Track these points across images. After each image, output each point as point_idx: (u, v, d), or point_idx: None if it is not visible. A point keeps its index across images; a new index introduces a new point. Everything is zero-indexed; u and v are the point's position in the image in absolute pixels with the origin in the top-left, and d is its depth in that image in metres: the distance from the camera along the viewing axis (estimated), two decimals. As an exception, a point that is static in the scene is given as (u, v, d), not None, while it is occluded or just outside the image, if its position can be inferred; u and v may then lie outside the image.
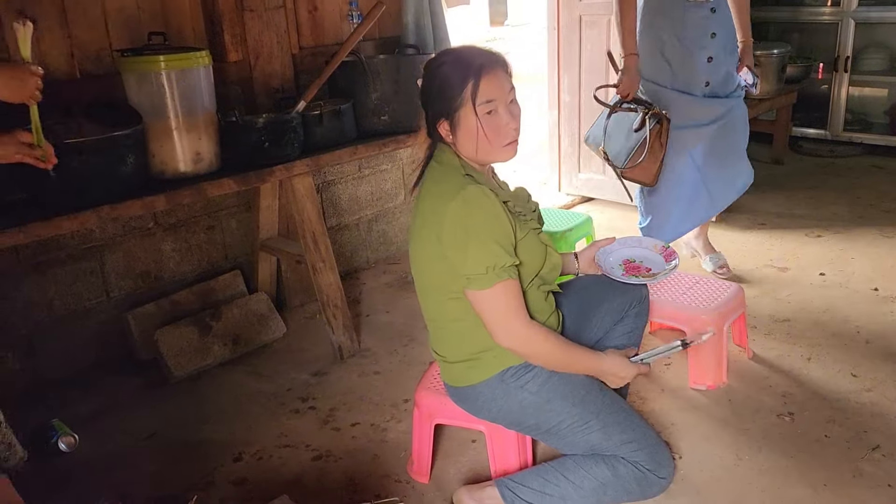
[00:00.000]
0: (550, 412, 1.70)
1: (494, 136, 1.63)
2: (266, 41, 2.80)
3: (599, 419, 1.69)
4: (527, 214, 1.76)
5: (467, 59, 1.62)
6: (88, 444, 2.25)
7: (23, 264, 2.47)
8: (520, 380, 1.70)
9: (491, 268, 1.57)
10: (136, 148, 2.17)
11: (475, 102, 1.60)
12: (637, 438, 1.69)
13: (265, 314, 2.90)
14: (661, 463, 1.69)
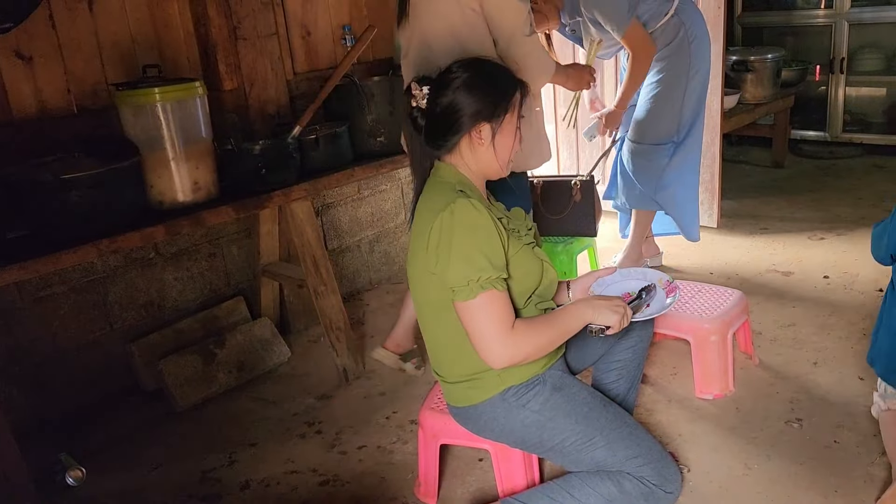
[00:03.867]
0: (554, 430, 1.68)
1: (506, 155, 1.70)
2: (260, 68, 2.83)
3: (603, 435, 1.67)
4: (521, 231, 1.76)
5: (499, 71, 1.70)
6: (96, 478, 2.25)
7: (25, 299, 2.48)
8: (521, 398, 1.69)
9: (474, 279, 1.55)
10: (134, 180, 2.19)
11: (518, 112, 1.68)
12: (642, 453, 1.66)
13: (269, 339, 2.91)
14: (668, 477, 1.66)
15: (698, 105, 3.04)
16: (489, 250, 1.58)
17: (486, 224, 1.58)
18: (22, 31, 2.29)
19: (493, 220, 1.61)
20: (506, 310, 1.59)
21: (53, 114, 2.42)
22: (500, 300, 1.58)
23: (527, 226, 1.82)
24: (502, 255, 1.61)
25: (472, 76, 1.64)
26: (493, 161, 1.68)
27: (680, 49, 2.89)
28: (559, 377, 1.74)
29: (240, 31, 2.73)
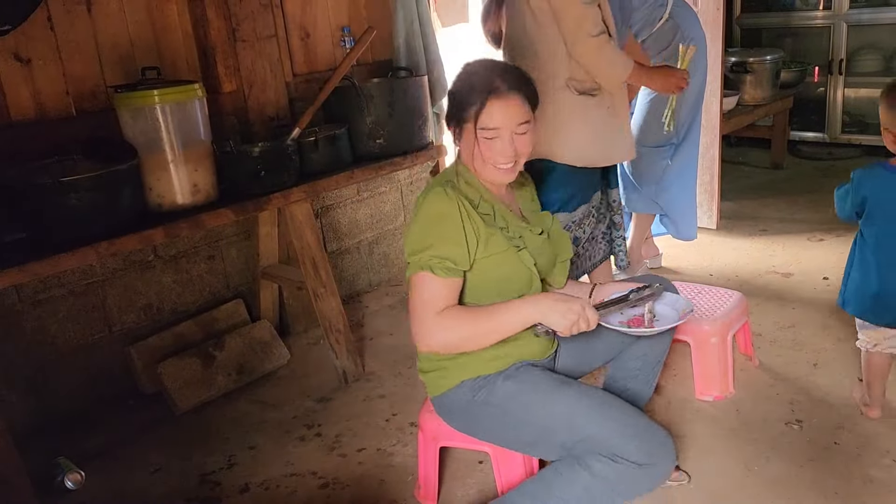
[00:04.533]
0: (515, 420, 1.67)
1: (490, 156, 1.68)
2: (259, 70, 2.82)
3: (564, 417, 1.61)
4: (513, 232, 1.74)
5: (488, 76, 1.66)
6: (95, 481, 2.25)
7: (24, 302, 2.48)
8: (478, 393, 1.70)
9: (416, 257, 1.61)
10: (133, 182, 2.19)
11: (476, 124, 1.66)
12: (610, 429, 1.55)
13: (268, 342, 2.90)
14: (641, 448, 1.52)
15: (696, 106, 3.05)
16: (444, 237, 1.61)
17: (450, 213, 1.62)
18: (20, 34, 2.29)
19: (463, 213, 1.64)
20: (438, 294, 1.61)
21: (52, 116, 2.41)
22: (434, 283, 1.60)
23: (536, 231, 1.80)
24: (460, 247, 1.62)
25: (454, 81, 1.74)
26: (470, 161, 1.72)
27: (676, 53, 2.89)
28: (514, 369, 1.72)
29: (239, 33, 2.73)
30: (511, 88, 1.65)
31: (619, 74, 2.35)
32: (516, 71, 1.73)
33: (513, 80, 1.67)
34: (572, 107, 2.38)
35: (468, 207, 1.66)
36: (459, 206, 1.64)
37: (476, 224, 1.65)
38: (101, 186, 2.06)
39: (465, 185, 1.73)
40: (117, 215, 2.14)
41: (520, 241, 1.74)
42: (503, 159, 1.67)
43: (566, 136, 2.40)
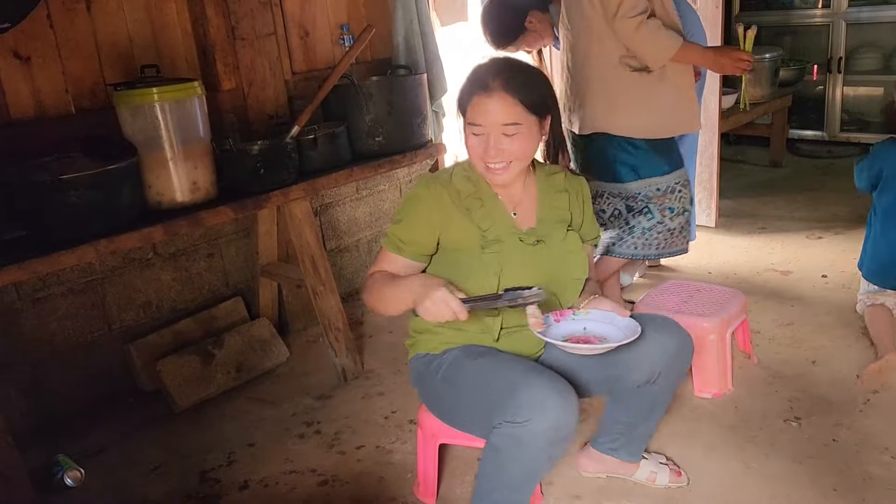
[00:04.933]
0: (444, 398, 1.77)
1: (475, 153, 1.70)
2: (259, 68, 2.83)
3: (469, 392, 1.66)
4: (492, 234, 1.72)
5: (485, 74, 1.66)
6: (94, 478, 2.25)
7: (23, 300, 2.48)
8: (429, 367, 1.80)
9: (389, 229, 1.76)
10: (132, 180, 2.19)
11: (466, 119, 1.70)
12: (491, 397, 1.55)
13: (268, 340, 2.90)
14: (510, 405, 1.49)
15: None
16: (406, 218, 1.74)
17: (424, 198, 1.73)
18: (20, 32, 2.29)
19: (434, 201, 1.71)
20: (380, 263, 1.78)
21: (51, 114, 2.41)
22: (382, 253, 1.78)
23: (528, 241, 1.74)
24: (414, 230, 1.73)
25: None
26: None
27: None
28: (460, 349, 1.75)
29: (238, 31, 2.73)
30: (503, 88, 1.63)
31: (659, 55, 2.42)
32: (521, 74, 1.68)
33: (509, 81, 1.64)
34: (627, 83, 2.49)
35: (445, 197, 1.72)
36: (434, 194, 1.72)
37: (448, 213, 1.71)
38: (101, 184, 2.06)
39: (461, 178, 1.76)
40: (117, 213, 2.14)
41: (494, 245, 1.71)
42: (489, 158, 1.67)
43: (623, 110, 2.51)
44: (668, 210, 2.63)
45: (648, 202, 2.63)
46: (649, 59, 2.44)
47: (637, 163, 2.58)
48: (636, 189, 2.62)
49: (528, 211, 1.82)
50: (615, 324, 1.72)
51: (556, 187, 1.85)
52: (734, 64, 2.49)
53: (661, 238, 2.68)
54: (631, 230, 2.69)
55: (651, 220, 2.65)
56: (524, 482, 1.61)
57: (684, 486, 2.00)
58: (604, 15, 2.41)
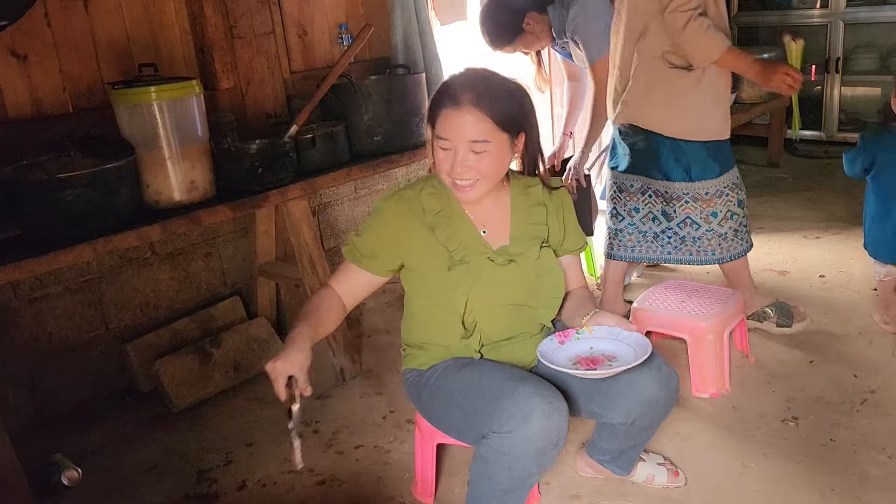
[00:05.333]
0: (433, 409, 1.76)
1: (442, 168, 1.63)
2: (257, 67, 2.82)
3: (460, 407, 1.64)
4: (457, 254, 1.68)
5: (458, 86, 1.59)
6: (91, 478, 2.24)
7: (21, 300, 2.48)
8: (417, 381, 1.79)
9: (350, 238, 1.73)
10: (130, 179, 2.18)
11: (434, 131, 1.63)
12: (477, 407, 1.54)
13: (266, 339, 2.90)
14: (496, 415, 1.49)
15: None
16: (371, 232, 1.71)
17: (387, 214, 1.70)
18: (17, 30, 2.29)
19: (395, 216, 1.68)
20: (340, 274, 1.74)
21: (49, 113, 2.41)
22: (344, 266, 1.75)
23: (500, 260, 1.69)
24: (382, 247, 1.70)
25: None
26: None
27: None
28: (446, 363, 1.75)
29: (236, 30, 2.73)
30: (473, 103, 1.56)
31: (706, 53, 2.38)
32: (495, 89, 1.60)
33: (481, 96, 1.56)
34: (664, 78, 2.48)
35: (409, 216, 1.67)
36: (398, 211, 1.68)
37: (412, 234, 1.67)
38: (98, 183, 2.06)
39: (428, 195, 1.70)
40: (114, 212, 2.13)
41: (461, 267, 1.66)
42: (456, 174, 1.60)
43: (656, 105, 2.51)
44: (711, 216, 2.60)
45: (690, 209, 2.60)
46: (695, 57, 2.40)
47: (687, 162, 2.56)
48: (683, 190, 2.59)
49: (500, 228, 1.75)
50: (622, 340, 1.67)
51: (533, 200, 1.77)
52: (782, 80, 2.39)
53: (715, 244, 2.65)
54: (682, 240, 2.67)
55: (698, 229, 2.63)
56: (515, 490, 1.60)
57: (682, 486, 2.00)
58: (658, 8, 2.38)
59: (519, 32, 2.89)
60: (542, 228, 1.77)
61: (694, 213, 2.61)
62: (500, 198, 1.75)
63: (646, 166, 2.63)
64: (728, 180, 2.60)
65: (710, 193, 2.58)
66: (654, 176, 2.63)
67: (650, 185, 2.66)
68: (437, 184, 1.71)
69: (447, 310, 1.70)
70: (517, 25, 2.87)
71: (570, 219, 1.83)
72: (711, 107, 2.53)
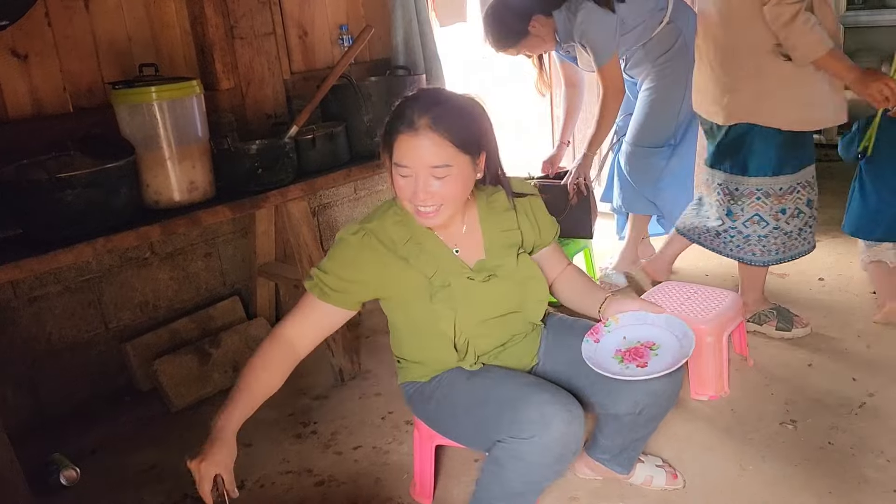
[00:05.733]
0: (440, 419, 1.75)
1: (403, 195, 1.58)
2: (257, 68, 2.82)
3: (467, 412, 1.64)
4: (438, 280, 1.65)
5: (413, 109, 1.52)
6: (90, 478, 2.25)
7: (20, 299, 2.48)
8: (414, 394, 1.80)
9: (313, 273, 1.63)
10: (130, 179, 2.18)
11: (391, 156, 1.57)
12: (493, 413, 1.53)
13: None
14: (515, 420, 1.49)
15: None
16: (339, 268, 1.62)
17: (356, 248, 1.62)
18: (18, 29, 2.29)
19: (371, 255, 1.61)
20: (303, 312, 1.64)
21: (49, 112, 2.41)
22: (307, 302, 1.64)
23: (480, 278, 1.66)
24: (352, 282, 1.62)
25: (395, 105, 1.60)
26: None
27: (678, 54, 2.91)
28: (443, 374, 1.74)
29: (237, 31, 2.73)
30: (431, 127, 1.49)
31: (808, 50, 2.35)
32: (452, 111, 1.53)
33: (438, 119, 1.50)
34: (783, 73, 2.44)
35: (380, 249, 1.61)
36: (367, 246, 1.61)
37: (385, 266, 1.62)
38: (98, 183, 2.06)
39: (393, 224, 1.64)
40: (114, 212, 2.13)
41: (442, 292, 1.63)
42: (418, 201, 1.54)
43: (776, 100, 2.47)
44: (780, 213, 2.59)
45: (760, 205, 2.59)
46: (797, 52, 2.36)
47: (773, 156, 2.53)
48: (758, 185, 2.58)
49: (473, 243, 1.71)
50: (655, 323, 1.68)
51: (500, 208, 1.74)
52: (880, 91, 2.36)
53: (780, 242, 2.63)
54: (747, 239, 2.66)
55: (766, 227, 2.61)
56: (526, 494, 1.60)
57: (680, 488, 2.00)
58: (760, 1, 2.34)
59: (524, 34, 2.87)
60: (515, 233, 1.74)
61: (764, 210, 2.60)
62: (468, 214, 1.71)
63: (723, 161, 2.64)
64: (803, 177, 2.59)
65: (783, 189, 2.56)
66: (730, 171, 2.63)
67: (722, 180, 2.66)
68: (399, 210, 1.65)
69: (437, 337, 1.68)
70: (523, 27, 2.86)
71: (540, 215, 1.81)
72: (832, 94, 2.50)
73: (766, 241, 2.64)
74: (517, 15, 2.85)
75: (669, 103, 2.97)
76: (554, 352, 1.82)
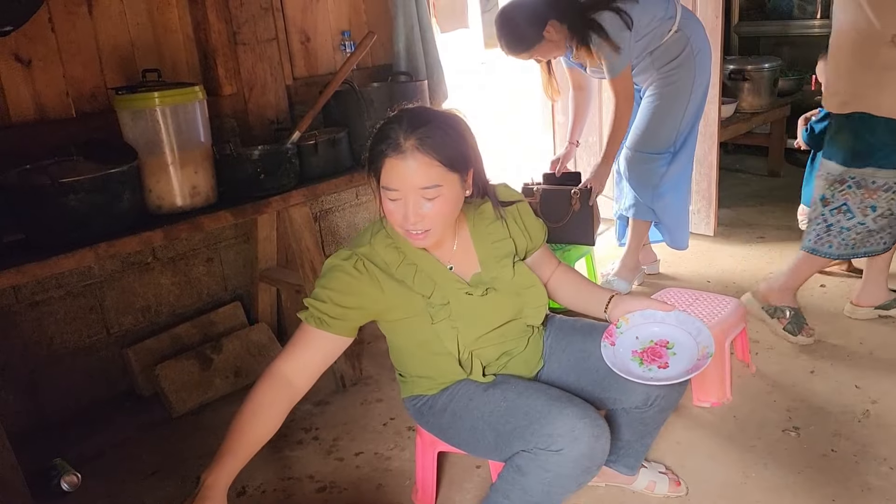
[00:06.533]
0: (452, 431, 1.72)
1: (393, 221, 1.55)
2: (260, 73, 2.83)
3: (484, 420, 1.62)
4: (437, 299, 1.63)
5: (397, 130, 1.48)
6: (92, 483, 2.24)
7: (22, 304, 2.47)
8: (421, 407, 1.78)
9: (309, 303, 1.57)
10: (132, 184, 2.18)
11: (378, 180, 1.53)
12: (522, 422, 1.52)
13: (266, 345, 2.90)
14: (542, 432, 1.48)
15: (696, 115, 3.06)
16: (336, 295, 1.56)
17: (352, 275, 1.57)
18: (21, 35, 2.29)
19: (366, 282, 1.58)
20: (301, 345, 1.57)
21: (52, 118, 2.41)
22: (305, 334, 1.58)
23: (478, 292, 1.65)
24: (351, 309, 1.57)
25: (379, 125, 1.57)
26: None
27: (686, 62, 2.91)
28: (454, 386, 1.72)
29: (239, 37, 2.74)
30: (418, 148, 1.46)
31: None
32: (437, 129, 1.49)
33: (424, 139, 1.46)
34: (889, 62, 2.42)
35: (376, 274, 1.59)
36: (361, 273, 1.58)
37: (382, 292, 1.59)
38: (101, 188, 2.06)
39: (384, 247, 1.62)
40: (116, 217, 2.13)
41: (442, 311, 1.62)
42: (409, 225, 1.51)
43: (890, 89, 2.43)
44: (870, 209, 2.55)
45: (850, 195, 2.55)
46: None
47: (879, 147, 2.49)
48: (850, 173, 2.54)
49: (467, 258, 1.70)
50: (665, 321, 1.69)
51: (488, 219, 1.73)
52: None
53: (859, 238, 2.61)
54: (829, 229, 2.63)
55: (851, 219, 2.57)
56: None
57: (683, 495, 1.99)
58: None
59: (539, 40, 2.85)
60: (508, 242, 1.73)
61: (852, 201, 2.57)
62: (459, 229, 1.69)
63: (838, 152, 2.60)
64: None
65: (876, 183, 2.52)
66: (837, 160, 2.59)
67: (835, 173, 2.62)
68: (388, 232, 1.63)
69: (440, 355, 1.67)
70: (538, 33, 2.83)
71: (528, 220, 1.80)
72: None
73: (846, 234, 2.61)
74: (532, 20, 2.83)
75: (673, 111, 2.98)
76: (558, 353, 1.83)
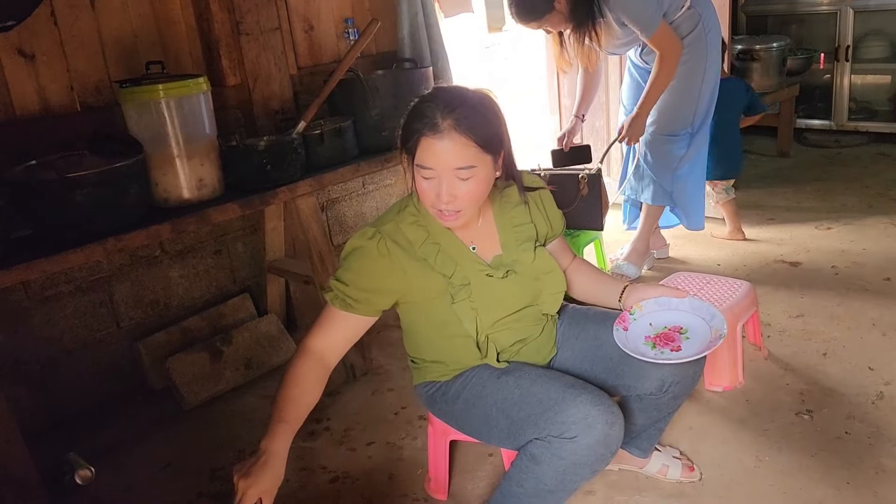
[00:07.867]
0: (464, 419, 1.72)
1: (426, 198, 1.56)
2: (264, 63, 2.81)
3: (498, 408, 1.61)
4: (457, 279, 1.63)
5: (433, 111, 1.49)
6: (105, 477, 2.25)
7: (31, 299, 2.48)
8: (434, 394, 1.76)
9: (333, 285, 1.59)
10: (139, 178, 2.18)
11: (414, 160, 1.55)
12: (535, 410, 1.53)
13: (276, 336, 2.90)
14: (555, 420, 1.48)
15: (712, 95, 3.03)
16: (359, 277, 1.58)
17: (374, 256, 1.58)
18: (24, 29, 2.28)
19: (389, 261, 1.58)
20: (328, 325, 1.59)
21: (56, 112, 2.41)
22: (330, 316, 1.60)
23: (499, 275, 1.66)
24: (374, 290, 1.59)
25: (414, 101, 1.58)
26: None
27: (697, 40, 2.88)
28: (468, 372, 1.72)
29: (242, 26, 2.72)
30: (455, 129, 1.47)
31: None
32: (473, 110, 1.50)
33: (461, 120, 1.47)
34: None
35: (398, 253, 1.59)
36: (384, 252, 1.58)
37: (405, 271, 1.60)
38: (108, 182, 2.05)
39: (410, 225, 1.63)
40: (124, 211, 2.13)
41: (463, 291, 1.63)
42: (442, 204, 1.53)
43: None
44: None
45: None
46: None
47: None
48: None
49: (489, 239, 1.71)
50: (679, 308, 1.70)
51: (512, 202, 1.74)
52: None
53: None
54: None
55: None
56: (559, 492, 1.58)
57: (696, 480, 1.99)
58: None
59: (549, 10, 2.79)
60: (529, 227, 1.74)
61: None
62: (484, 211, 1.71)
63: None
64: None
65: None
66: None
67: None
68: (414, 210, 1.65)
69: (459, 336, 1.67)
70: (548, 2, 2.80)
71: (550, 208, 1.81)
72: None
73: None
74: None
75: (687, 90, 2.95)
76: (572, 341, 1.82)
